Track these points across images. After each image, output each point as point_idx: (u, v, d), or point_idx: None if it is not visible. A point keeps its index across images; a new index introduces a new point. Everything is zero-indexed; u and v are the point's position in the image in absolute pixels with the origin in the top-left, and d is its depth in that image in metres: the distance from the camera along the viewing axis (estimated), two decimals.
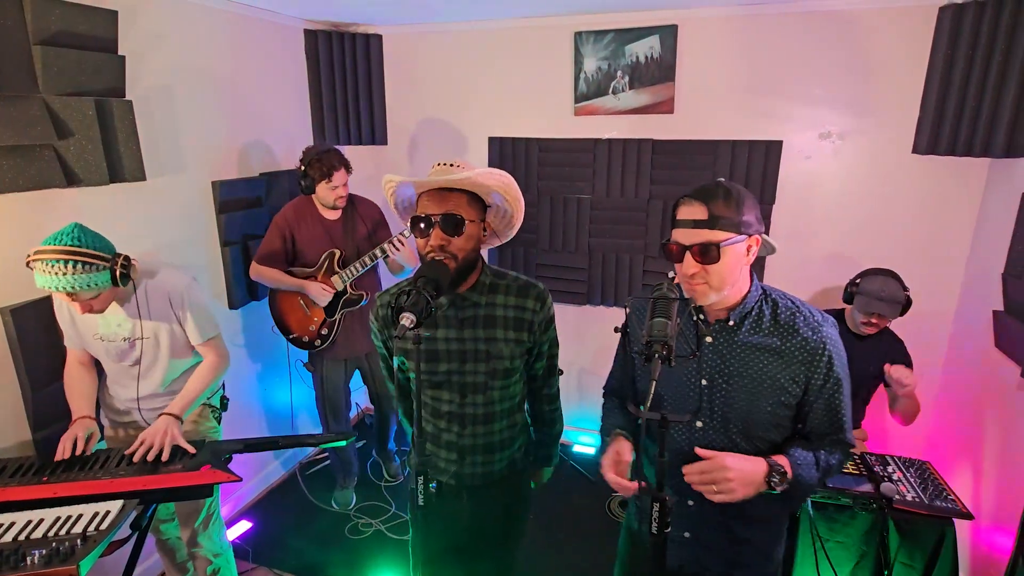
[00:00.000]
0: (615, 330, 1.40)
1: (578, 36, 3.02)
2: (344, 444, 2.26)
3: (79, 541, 1.40)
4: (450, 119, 3.44)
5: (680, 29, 2.86)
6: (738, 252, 1.21)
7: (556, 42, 3.08)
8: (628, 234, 3.20)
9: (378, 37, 3.37)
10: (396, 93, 3.49)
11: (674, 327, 1.11)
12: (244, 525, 2.86)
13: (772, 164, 2.88)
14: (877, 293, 2.18)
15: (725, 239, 1.18)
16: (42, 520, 1.48)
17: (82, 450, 1.75)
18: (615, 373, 1.59)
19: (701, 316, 1.33)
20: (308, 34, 3.21)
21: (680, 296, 1.22)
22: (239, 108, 2.82)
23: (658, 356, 1.07)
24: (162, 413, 1.84)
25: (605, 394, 1.62)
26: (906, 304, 2.19)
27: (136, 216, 2.31)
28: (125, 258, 1.70)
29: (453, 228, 1.33)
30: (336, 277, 2.69)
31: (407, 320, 1.14)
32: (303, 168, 2.61)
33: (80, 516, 1.49)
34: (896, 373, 2.10)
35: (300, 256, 2.71)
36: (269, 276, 2.66)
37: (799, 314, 1.28)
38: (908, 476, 2.04)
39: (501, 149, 3.33)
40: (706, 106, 2.94)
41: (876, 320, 2.21)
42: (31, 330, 1.95)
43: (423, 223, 1.34)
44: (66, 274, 1.57)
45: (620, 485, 1.25)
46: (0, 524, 1.46)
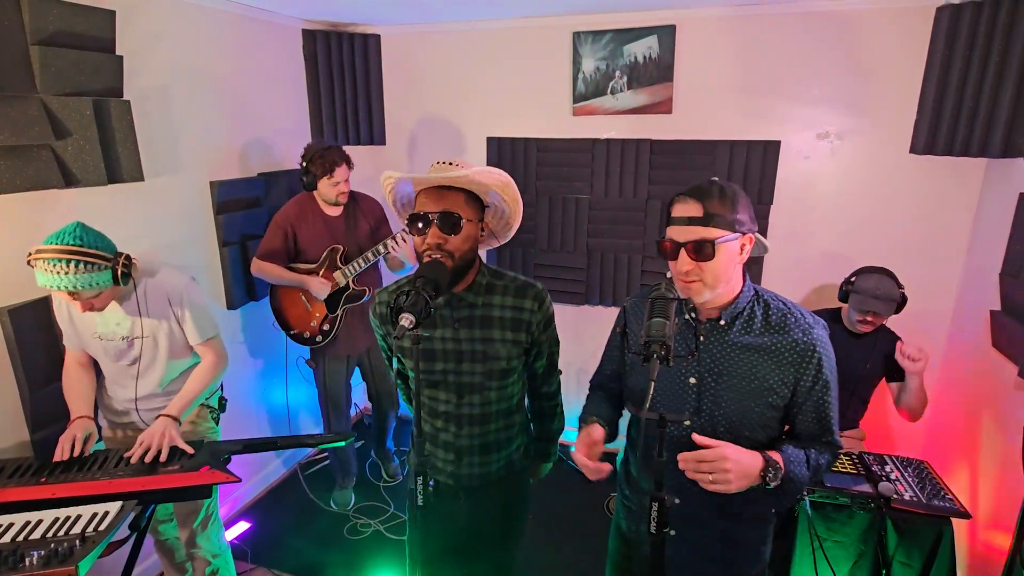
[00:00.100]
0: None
1: (576, 36, 3.02)
2: (343, 444, 2.26)
3: (78, 542, 1.40)
4: (448, 119, 3.44)
5: (678, 29, 2.86)
6: (732, 250, 1.22)
7: (554, 42, 3.08)
8: (626, 234, 3.20)
9: (376, 37, 3.37)
10: (394, 93, 3.49)
11: (672, 327, 1.11)
12: (243, 526, 2.86)
13: (770, 164, 2.89)
14: (872, 291, 2.19)
15: (720, 236, 1.19)
16: (41, 521, 1.48)
17: (80, 451, 1.75)
18: (603, 369, 1.59)
19: (692, 315, 1.33)
20: (306, 34, 3.21)
21: (677, 296, 1.22)
22: (237, 108, 2.81)
23: (656, 356, 1.07)
24: (160, 414, 1.84)
25: (591, 388, 1.62)
26: (901, 302, 2.20)
27: (134, 216, 2.31)
28: (126, 257, 1.70)
29: (450, 226, 1.33)
30: (339, 273, 2.70)
31: (406, 321, 1.15)
32: (305, 164, 2.61)
33: (79, 517, 1.49)
34: (908, 348, 2.12)
35: (302, 253, 2.71)
36: (270, 272, 2.66)
37: (790, 315, 1.28)
38: (906, 475, 2.04)
39: (499, 149, 3.33)
40: (704, 106, 2.94)
41: (871, 318, 2.22)
42: (29, 330, 1.95)
43: (421, 221, 1.35)
44: (68, 273, 1.57)
45: (586, 466, 1.26)
46: None
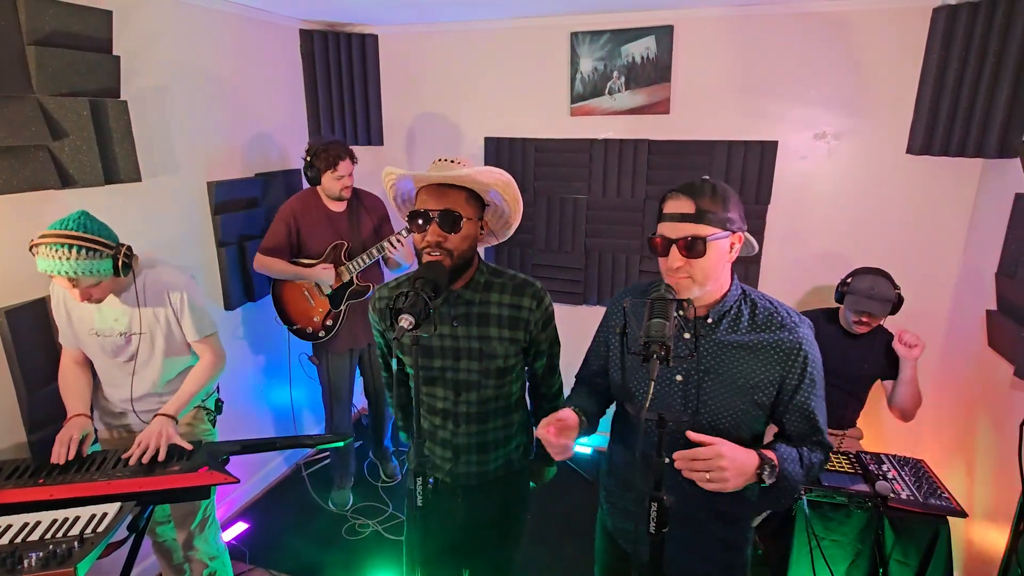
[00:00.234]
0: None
1: (574, 36, 3.02)
2: (342, 445, 2.26)
3: (76, 543, 1.40)
4: (446, 119, 3.44)
5: (676, 30, 2.87)
6: (722, 248, 1.23)
7: (552, 42, 3.08)
8: (624, 234, 3.21)
9: (374, 37, 3.36)
10: (392, 93, 3.48)
11: (671, 328, 1.12)
12: (241, 526, 2.85)
13: (767, 164, 2.90)
14: (867, 292, 2.20)
15: (711, 234, 1.20)
16: (39, 523, 1.48)
17: (76, 451, 1.74)
18: (589, 364, 1.57)
19: (681, 312, 1.32)
20: (304, 34, 3.20)
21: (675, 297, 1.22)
22: (235, 108, 2.81)
23: (656, 356, 1.07)
24: (157, 414, 1.84)
25: (577, 381, 1.60)
26: (897, 303, 2.21)
27: (131, 217, 2.29)
28: (128, 248, 1.70)
29: (450, 225, 1.34)
30: (343, 268, 2.70)
31: (406, 323, 1.15)
32: (308, 159, 2.61)
33: (77, 518, 1.49)
34: (907, 336, 2.13)
35: (304, 248, 2.71)
36: (273, 267, 2.66)
37: (776, 314, 1.29)
38: (903, 474, 2.05)
39: (497, 149, 3.33)
40: (702, 106, 2.95)
41: (867, 319, 2.22)
42: (27, 331, 1.94)
43: (421, 218, 1.35)
44: (69, 259, 1.57)
45: (548, 441, 1.23)
46: None
